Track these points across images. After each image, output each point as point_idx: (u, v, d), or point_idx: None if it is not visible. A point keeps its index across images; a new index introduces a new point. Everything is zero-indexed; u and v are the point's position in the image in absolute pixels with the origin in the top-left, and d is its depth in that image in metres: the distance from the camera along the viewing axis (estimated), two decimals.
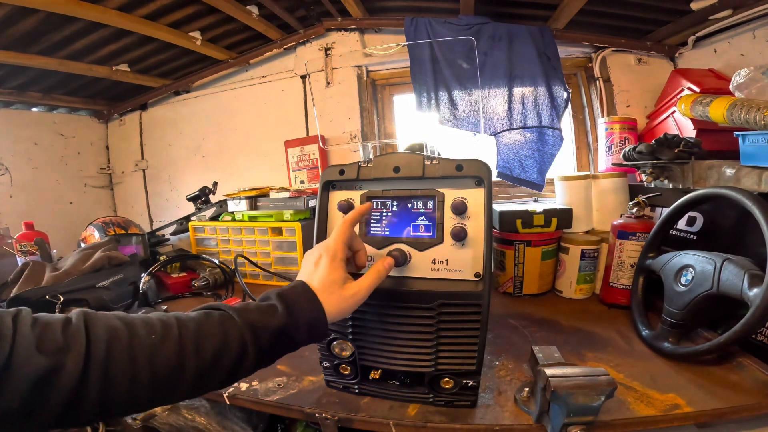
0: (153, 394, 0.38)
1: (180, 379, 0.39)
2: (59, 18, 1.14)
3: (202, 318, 0.43)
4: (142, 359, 0.37)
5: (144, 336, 0.38)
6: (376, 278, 0.51)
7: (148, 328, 0.39)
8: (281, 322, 0.44)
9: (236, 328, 0.43)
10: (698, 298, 0.64)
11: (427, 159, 0.56)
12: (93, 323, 0.37)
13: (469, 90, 1.43)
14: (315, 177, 1.61)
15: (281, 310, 0.45)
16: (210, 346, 0.41)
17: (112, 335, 0.37)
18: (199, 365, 0.40)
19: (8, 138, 1.64)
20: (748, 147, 0.71)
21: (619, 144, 1.26)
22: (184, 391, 0.40)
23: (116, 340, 0.37)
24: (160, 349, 0.38)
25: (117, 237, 1.30)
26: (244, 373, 0.44)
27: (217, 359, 0.41)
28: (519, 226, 0.97)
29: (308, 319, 0.46)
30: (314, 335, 0.47)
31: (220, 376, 0.42)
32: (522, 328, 0.83)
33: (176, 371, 0.39)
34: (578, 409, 0.46)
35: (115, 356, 0.36)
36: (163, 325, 0.40)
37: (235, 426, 0.75)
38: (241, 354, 0.42)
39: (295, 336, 0.45)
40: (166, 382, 0.38)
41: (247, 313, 0.44)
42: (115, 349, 0.36)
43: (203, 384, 0.41)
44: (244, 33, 1.51)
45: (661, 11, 1.23)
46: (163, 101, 1.88)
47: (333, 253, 0.50)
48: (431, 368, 0.55)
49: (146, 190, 1.97)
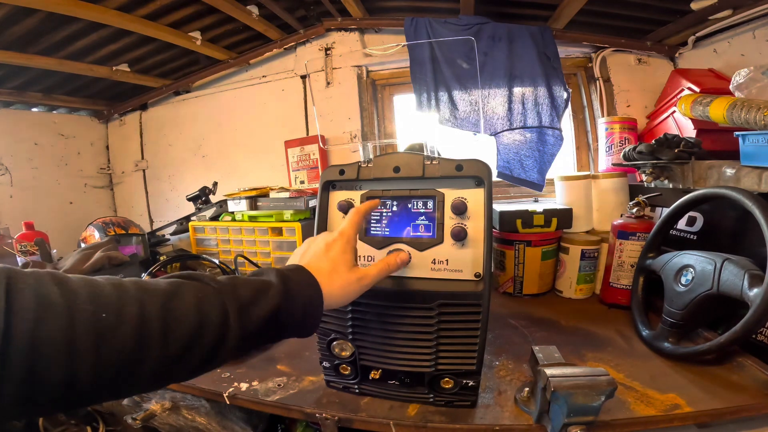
0: (96, 391, 0.29)
1: (136, 373, 0.30)
2: (59, 18, 1.14)
3: (173, 291, 0.34)
4: (85, 345, 0.27)
5: (90, 313, 0.28)
6: (384, 268, 0.50)
7: (97, 302, 0.29)
8: (276, 302, 0.38)
9: (217, 307, 0.35)
10: (698, 298, 0.64)
11: (427, 159, 0.56)
12: (16, 289, 0.26)
13: (469, 90, 1.43)
14: (315, 177, 1.61)
15: (277, 287, 0.39)
16: (181, 332, 0.32)
17: (43, 308, 0.27)
18: (164, 355, 0.31)
19: (8, 138, 1.63)
20: (748, 147, 0.71)
21: (619, 144, 1.26)
22: (140, 386, 0.33)
23: (49, 316, 0.27)
24: (112, 333, 0.29)
25: (117, 237, 1.30)
26: (216, 364, 0.36)
27: (188, 347, 0.33)
28: (519, 226, 0.97)
29: (304, 300, 0.41)
30: (306, 323, 0.42)
31: (188, 367, 0.34)
32: (522, 328, 0.83)
33: (132, 363, 0.30)
34: (578, 409, 0.46)
35: (45, 340, 0.26)
36: (118, 298, 0.30)
37: (235, 426, 0.75)
38: (218, 340, 0.35)
39: (288, 323, 0.40)
40: (117, 376, 0.29)
41: (234, 288, 0.37)
42: (45, 328, 0.26)
43: (164, 378, 0.33)
44: (244, 33, 1.51)
45: (661, 11, 1.23)
46: (163, 101, 1.88)
47: (347, 238, 0.49)
48: (431, 368, 0.55)
49: (146, 190, 1.97)
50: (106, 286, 0.31)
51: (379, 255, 0.57)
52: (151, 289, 0.33)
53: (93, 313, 0.29)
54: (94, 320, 0.28)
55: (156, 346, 0.31)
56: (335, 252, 0.47)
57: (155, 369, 0.31)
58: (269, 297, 0.38)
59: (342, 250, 0.47)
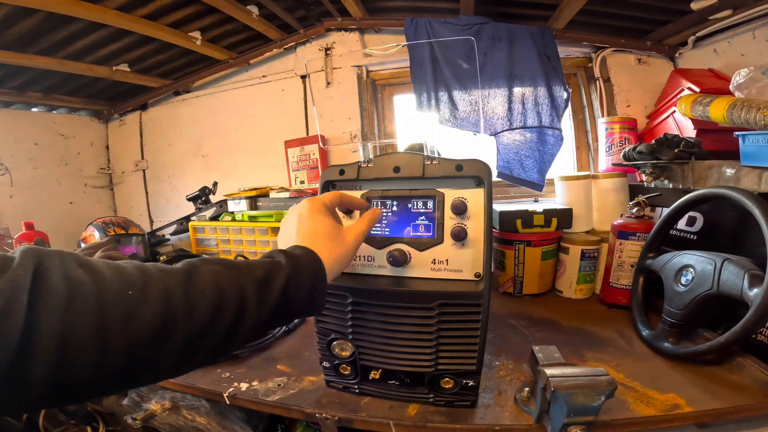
0: (127, 371, 0.29)
1: (164, 349, 0.30)
2: (59, 18, 1.14)
3: (190, 269, 0.34)
4: (116, 324, 0.28)
5: (117, 290, 0.29)
6: (369, 221, 0.51)
7: (123, 280, 0.30)
8: (286, 275, 0.39)
9: (234, 283, 0.35)
10: (698, 298, 0.64)
11: (427, 159, 0.56)
12: (45, 270, 0.26)
13: (469, 90, 1.43)
14: (315, 177, 1.61)
15: (285, 263, 0.39)
16: (204, 306, 0.33)
17: (71, 289, 0.27)
18: (189, 331, 0.32)
19: (8, 138, 1.64)
20: (748, 147, 0.71)
21: (619, 144, 1.26)
22: (167, 365, 0.32)
23: (78, 296, 0.27)
24: (139, 309, 0.29)
25: (117, 237, 1.30)
26: (235, 343, 0.36)
27: (210, 322, 0.33)
28: (519, 226, 0.97)
29: (311, 274, 0.41)
30: (315, 297, 0.42)
31: (211, 344, 0.34)
32: (522, 328, 0.83)
33: (161, 338, 0.30)
34: (578, 409, 0.46)
35: (76, 319, 0.26)
36: (142, 275, 0.31)
37: (235, 426, 0.75)
38: (238, 315, 0.35)
39: (297, 298, 0.40)
40: (146, 354, 0.29)
41: (249, 267, 0.38)
42: (76, 309, 0.26)
43: (190, 356, 0.33)
44: (244, 33, 1.51)
45: (661, 11, 1.23)
46: (163, 101, 1.88)
47: (316, 206, 0.48)
48: (431, 368, 0.55)
49: (146, 190, 1.97)
50: (128, 267, 0.31)
51: (379, 255, 0.57)
52: (169, 269, 0.34)
53: (120, 291, 0.29)
54: (121, 297, 0.29)
55: (181, 320, 0.31)
56: (309, 221, 0.46)
57: (181, 347, 0.31)
58: (280, 274, 0.39)
59: (314, 218, 0.46)
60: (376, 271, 0.58)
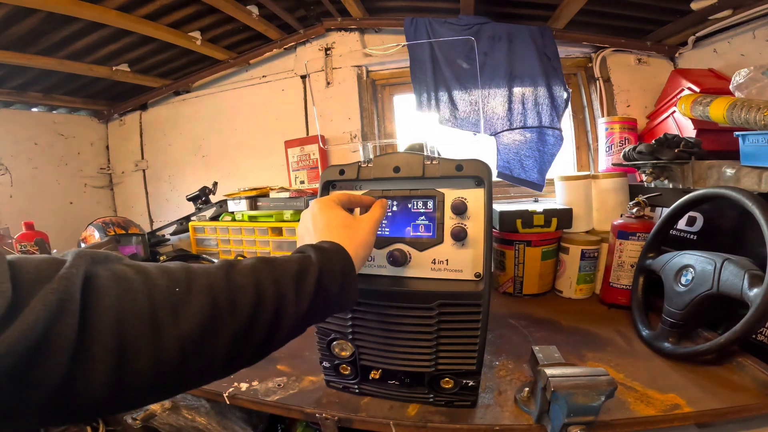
0: (180, 369, 0.29)
1: (214, 346, 0.31)
2: (59, 18, 1.14)
3: (226, 267, 0.35)
4: (167, 319, 0.28)
5: (164, 287, 0.29)
6: (381, 209, 0.52)
7: (169, 278, 0.30)
8: (318, 268, 0.39)
9: (270, 278, 0.35)
10: (698, 298, 0.64)
11: (427, 159, 0.56)
12: (97, 270, 0.27)
13: (469, 90, 1.43)
14: (315, 177, 1.61)
15: (315, 256, 0.40)
16: (246, 300, 0.33)
17: (123, 287, 0.27)
18: (235, 326, 0.32)
19: (8, 138, 1.63)
20: (748, 147, 0.71)
21: (619, 144, 1.26)
22: (217, 364, 0.32)
23: (130, 294, 0.27)
24: (188, 304, 0.30)
25: (117, 237, 1.30)
26: (278, 339, 0.36)
27: (253, 317, 0.33)
28: (519, 226, 0.97)
29: (341, 264, 0.41)
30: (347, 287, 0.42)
31: (256, 340, 0.34)
32: (522, 328, 0.83)
33: (209, 334, 0.30)
34: (578, 409, 0.46)
35: (130, 316, 0.27)
36: (186, 273, 0.32)
37: (235, 426, 0.75)
38: (278, 309, 0.35)
39: (331, 291, 0.39)
40: (198, 350, 0.30)
41: (283, 262, 0.38)
42: (129, 306, 0.27)
43: (237, 353, 0.33)
44: (244, 33, 1.51)
45: (661, 11, 1.23)
46: (163, 101, 1.87)
47: (327, 203, 0.49)
48: (431, 368, 0.55)
49: (146, 190, 1.96)
50: (171, 265, 0.32)
51: (380, 255, 0.57)
52: (208, 267, 0.34)
53: (167, 287, 0.30)
54: (169, 294, 0.29)
55: (227, 315, 0.32)
56: (324, 217, 0.47)
57: (229, 343, 0.32)
58: (312, 267, 0.39)
59: (328, 213, 0.47)
60: (376, 271, 0.58)
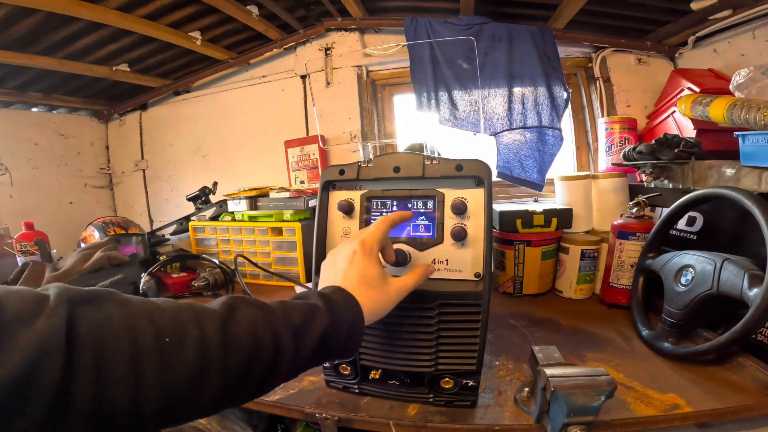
0: (161, 417, 0.29)
1: (198, 399, 0.30)
2: (59, 18, 1.14)
3: (228, 314, 0.33)
4: (150, 370, 0.27)
5: (152, 336, 0.28)
6: (420, 278, 0.49)
7: (159, 326, 0.29)
8: (324, 326, 0.38)
9: (270, 331, 0.34)
10: (698, 298, 0.64)
11: (427, 159, 0.56)
12: (78, 313, 0.26)
13: (469, 90, 1.43)
14: (315, 177, 1.61)
15: (323, 309, 0.39)
16: (240, 356, 0.32)
17: (106, 334, 0.26)
18: (225, 380, 0.31)
19: (8, 138, 1.63)
20: (748, 147, 0.71)
21: (619, 144, 1.26)
22: (200, 412, 0.32)
23: (113, 341, 0.27)
24: (175, 357, 0.29)
25: (117, 237, 1.30)
26: (267, 388, 0.36)
27: (246, 372, 0.32)
28: (519, 226, 0.97)
29: (348, 323, 0.40)
30: (349, 346, 0.41)
31: (244, 392, 0.34)
32: (522, 328, 0.83)
33: (195, 389, 0.29)
34: (578, 409, 0.46)
35: (110, 365, 0.26)
36: (178, 320, 0.30)
37: (235, 426, 0.75)
38: (272, 364, 0.34)
39: (333, 346, 0.39)
40: (181, 402, 0.29)
41: (286, 313, 0.37)
42: (110, 354, 0.26)
43: (223, 402, 0.33)
44: (244, 33, 1.51)
45: (661, 11, 1.23)
46: (163, 101, 1.88)
47: (369, 248, 0.46)
48: (431, 368, 0.55)
49: (146, 190, 1.97)
50: (166, 309, 0.31)
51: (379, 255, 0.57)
52: (207, 312, 0.33)
53: (156, 337, 0.28)
54: (157, 344, 0.28)
55: (217, 371, 0.30)
56: (359, 266, 0.45)
57: (216, 394, 0.31)
58: (318, 321, 0.38)
59: (365, 263, 0.45)
60: None
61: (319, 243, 0.60)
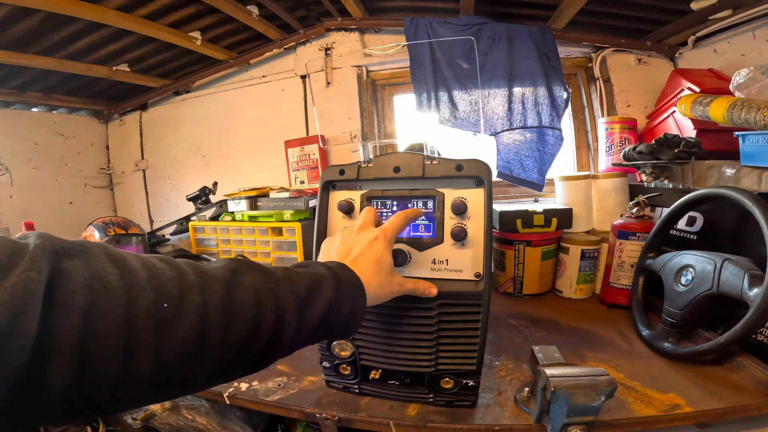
0: (153, 390, 0.26)
1: (195, 369, 0.28)
2: (59, 18, 1.14)
3: (232, 280, 0.31)
4: (145, 340, 0.24)
5: (151, 301, 0.25)
6: (419, 288, 0.50)
7: (158, 289, 0.26)
8: (328, 300, 0.36)
9: (274, 301, 0.32)
10: (698, 298, 0.64)
11: (427, 159, 0.56)
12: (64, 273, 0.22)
13: (469, 90, 1.43)
14: (315, 177, 1.61)
15: (329, 283, 0.37)
16: (241, 326, 0.30)
17: (97, 294, 0.23)
18: (224, 351, 0.29)
19: (8, 138, 1.63)
20: (748, 147, 0.71)
21: (619, 144, 1.26)
22: (196, 385, 0.30)
23: (104, 304, 0.23)
24: (173, 325, 0.26)
25: (117, 237, 1.30)
26: (268, 362, 0.34)
27: (246, 343, 0.30)
28: (519, 226, 0.97)
29: (352, 300, 0.39)
30: (350, 324, 0.40)
31: (244, 364, 0.32)
32: (522, 328, 0.83)
33: (192, 358, 0.27)
34: (578, 409, 0.46)
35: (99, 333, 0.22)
36: (180, 284, 0.27)
37: (235, 426, 0.75)
38: (275, 336, 0.32)
39: (335, 322, 0.38)
40: (175, 373, 0.27)
41: (292, 284, 0.35)
42: (99, 320, 0.22)
43: (221, 375, 0.31)
44: (244, 33, 1.51)
45: (661, 11, 1.23)
46: (163, 101, 1.88)
47: (390, 239, 0.47)
48: (431, 368, 0.55)
49: (146, 190, 1.97)
50: (166, 271, 0.28)
51: None
52: (210, 276, 0.30)
53: (154, 302, 0.25)
54: (155, 311, 0.25)
55: (217, 342, 0.28)
56: (377, 251, 0.45)
57: (213, 366, 0.29)
58: (323, 295, 0.37)
59: (384, 251, 0.46)
60: None
61: (318, 243, 0.60)
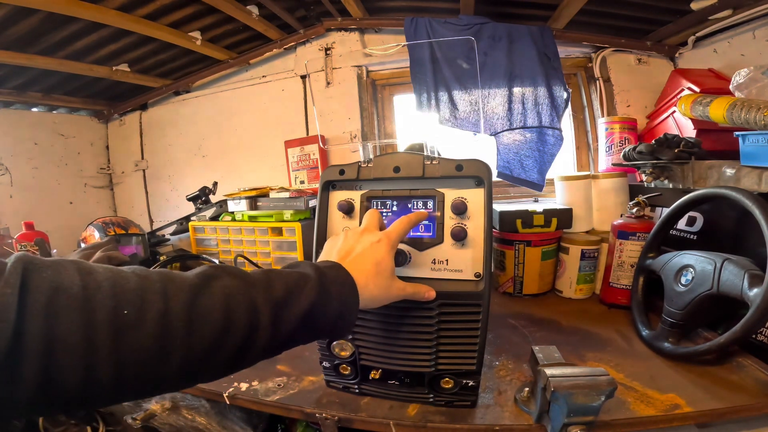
0: (117, 390, 0.28)
1: (159, 373, 0.29)
2: (59, 18, 1.14)
3: (200, 285, 0.32)
4: (104, 344, 0.26)
5: (110, 308, 0.27)
6: (419, 292, 0.50)
7: (119, 297, 0.28)
8: (310, 301, 0.36)
9: (247, 305, 0.33)
10: (698, 298, 0.64)
11: (427, 159, 0.56)
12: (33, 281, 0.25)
13: (469, 90, 1.43)
14: (315, 177, 1.61)
15: (313, 283, 0.37)
16: (207, 331, 0.31)
17: (59, 304, 0.25)
18: (188, 356, 0.30)
19: (8, 138, 1.63)
20: (748, 147, 0.71)
21: (619, 144, 1.26)
22: (164, 386, 0.31)
23: (66, 311, 0.25)
24: (132, 331, 0.27)
25: (117, 237, 1.30)
26: (244, 365, 0.35)
27: (214, 349, 0.31)
28: (519, 226, 0.97)
29: (340, 300, 0.39)
30: (338, 325, 0.40)
31: (214, 366, 0.32)
32: (522, 328, 0.83)
33: (154, 363, 0.28)
34: (578, 409, 0.46)
35: (61, 338, 0.25)
36: (142, 292, 0.29)
37: (235, 426, 0.75)
38: (246, 341, 0.33)
39: (321, 324, 0.38)
40: (139, 376, 0.28)
41: (268, 285, 0.35)
42: (61, 326, 0.25)
43: (190, 378, 0.32)
44: (244, 33, 1.51)
45: (661, 11, 1.23)
46: (163, 101, 1.88)
47: (393, 242, 0.47)
48: (431, 368, 0.55)
49: (146, 190, 1.97)
50: (132, 279, 0.29)
51: None
52: (177, 283, 0.31)
53: (113, 309, 0.27)
54: (113, 317, 0.27)
55: (179, 347, 0.29)
56: (379, 254, 0.45)
57: (179, 370, 0.30)
58: (304, 295, 0.36)
59: (386, 254, 0.46)
60: None
61: (319, 243, 0.60)
